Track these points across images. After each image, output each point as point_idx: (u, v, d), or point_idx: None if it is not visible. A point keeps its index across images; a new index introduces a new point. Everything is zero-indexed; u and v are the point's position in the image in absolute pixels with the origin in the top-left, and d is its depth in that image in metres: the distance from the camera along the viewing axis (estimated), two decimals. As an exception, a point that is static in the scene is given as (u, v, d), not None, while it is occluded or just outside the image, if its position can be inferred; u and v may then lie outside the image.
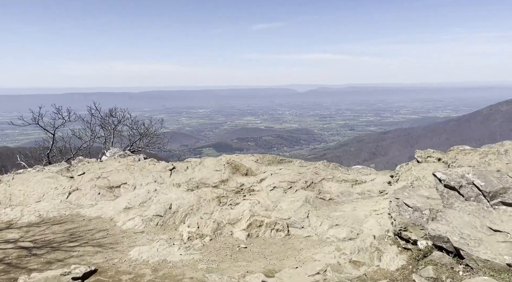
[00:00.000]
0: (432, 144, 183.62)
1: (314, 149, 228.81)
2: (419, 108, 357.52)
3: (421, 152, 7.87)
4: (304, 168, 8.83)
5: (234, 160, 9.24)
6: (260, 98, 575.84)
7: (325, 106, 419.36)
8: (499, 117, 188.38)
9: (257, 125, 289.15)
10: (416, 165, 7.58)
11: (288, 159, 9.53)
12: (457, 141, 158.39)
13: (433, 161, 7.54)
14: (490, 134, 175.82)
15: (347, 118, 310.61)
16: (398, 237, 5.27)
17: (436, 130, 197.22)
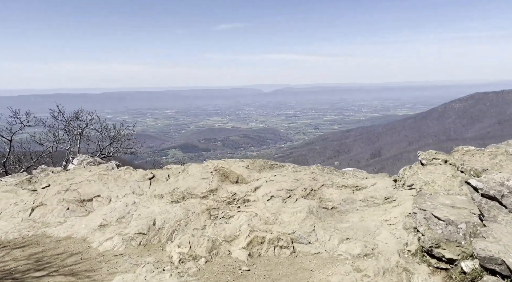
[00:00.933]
0: (392, 140, 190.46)
1: (281, 148, 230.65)
2: (380, 107, 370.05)
3: (425, 154, 7.43)
4: (299, 173, 8.16)
5: (222, 166, 8.40)
6: (226, 98, 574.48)
7: (290, 105, 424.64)
8: (453, 114, 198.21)
9: (224, 125, 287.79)
10: (422, 168, 7.12)
11: (280, 164, 8.84)
12: (415, 137, 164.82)
13: (439, 163, 7.10)
14: (444, 131, 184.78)
15: (312, 118, 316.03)
16: (427, 254, 4.70)
17: (395, 127, 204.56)
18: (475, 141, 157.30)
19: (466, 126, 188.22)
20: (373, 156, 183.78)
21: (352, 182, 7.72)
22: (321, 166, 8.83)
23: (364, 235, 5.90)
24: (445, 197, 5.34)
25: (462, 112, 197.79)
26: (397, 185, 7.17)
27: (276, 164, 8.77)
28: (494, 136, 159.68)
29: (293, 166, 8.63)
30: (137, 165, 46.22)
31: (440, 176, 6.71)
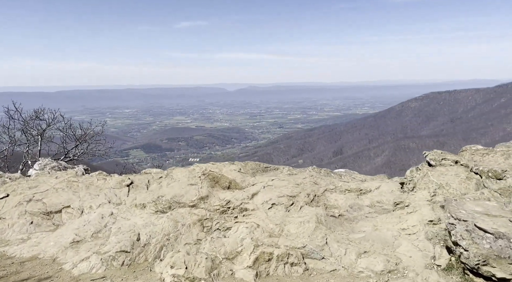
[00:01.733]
0: (353, 138, 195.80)
1: (245, 147, 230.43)
2: (341, 106, 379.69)
3: (433, 154, 6.98)
4: (297, 176, 7.47)
5: (211, 170, 7.55)
6: (189, 97, 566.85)
7: (255, 104, 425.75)
8: (410, 113, 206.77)
9: (188, 125, 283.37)
10: (431, 169, 6.66)
11: (273, 166, 8.12)
12: (375, 135, 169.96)
13: (449, 164, 6.67)
14: (402, 128, 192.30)
15: (276, 117, 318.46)
16: (471, 272, 4.15)
17: (356, 126, 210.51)
18: (430, 138, 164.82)
19: (422, 124, 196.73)
20: (335, 154, 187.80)
21: (355, 185, 7.14)
22: (317, 168, 8.21)
23: (382, 248, 5.31)
24: (474, 203, 4.86)
25: (418, 111, 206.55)
26: (406, 188, 6.68)
27: (269, 167, 8.05)
28: (447, 133, 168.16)
29: (288, 168, 7.95)
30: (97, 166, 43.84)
31: (454, 178, 6.27)
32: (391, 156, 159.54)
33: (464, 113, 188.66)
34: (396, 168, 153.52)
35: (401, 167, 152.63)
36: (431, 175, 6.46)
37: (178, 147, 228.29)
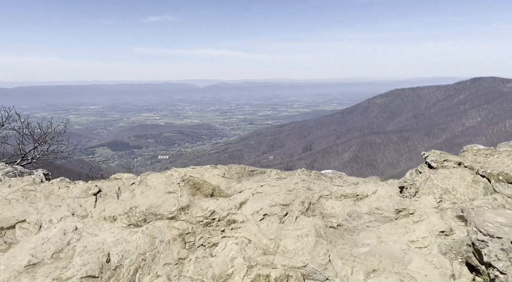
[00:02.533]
0: (322, 134, 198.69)
1: (216, 144, 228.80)
2: (310, 102, 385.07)
3: (433, 155, 6.47)
4: (287, 181, 6.77)
5: (192, 175, 6.69)
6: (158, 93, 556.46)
7: (225, 101, 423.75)
8: (376, 109, 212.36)
9: (156, 121, 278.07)
10: (433, 172, 6.14)
11: (259, 169, 7.38)
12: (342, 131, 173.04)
13: (452, 166, 6.18)
14: (368, 124, 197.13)
15: (247, 113, 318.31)
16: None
17: (325, 122, 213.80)
18: (395, 134, 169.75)
19: (387, 120, 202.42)
20: (305, 150, 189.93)
21: (350, 190, 6.53)
22: (307, 171, 7.56)
23: (392, 264, 4.70)
24: (494, 213, 4.34)
25: (383, 107, 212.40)
26: (407, 193, 6.14)
27: (255, 170, 7.30)
28: (411, 129, 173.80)
29: (276, 172, 7.23)
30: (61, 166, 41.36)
31: (460, 182, 5.77)
32: (358, 151, 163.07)
33: (427, 109, 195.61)
34: (363, 163, 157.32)
35: (368, 162, 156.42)
36: (435, 178, 5.94)
37: (147, 144, 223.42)
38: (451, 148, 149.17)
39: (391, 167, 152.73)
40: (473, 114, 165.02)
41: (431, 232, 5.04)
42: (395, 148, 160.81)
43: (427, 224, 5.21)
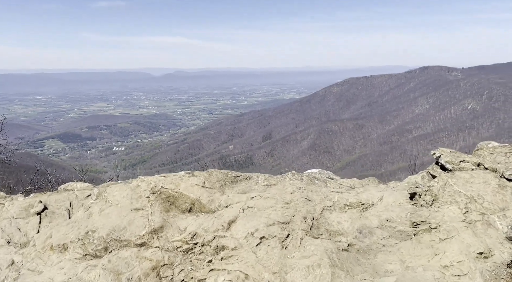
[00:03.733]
0: (281, 123, 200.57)
1: (175, 134, 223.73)
2: (269, 91, 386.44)
3: (447, 155, 5.64)
4: (276, 188, 5.68)
5: (164, 186, 5.41)
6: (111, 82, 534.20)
7: (183, 90, 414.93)
8: (332, 97, 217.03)
9: (111, 112, 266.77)
10: (451, 175, 5.31)
11: (244, 175, 6.22)
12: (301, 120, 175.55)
13: (470, 167, 5.38)
14: (325, 112, 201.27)
15: (205, 102, 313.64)
16: None
17: (284, 111, 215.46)
18: (351, 121, 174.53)
19: (343, 108, 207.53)
20: (264, 139, 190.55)
21: (353, 198, 5.57)
22: (297, 174, 6.51)
23: (429, 299, 3.78)
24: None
25: (339, 96, 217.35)
26: (421, 201, 5.27)
27: (239, 176, 6.13)
28: (365, 116, 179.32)
29: (264, 177, 6.11)
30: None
31: (484, 187, 4.98)
32: (316, 139, 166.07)
33: (379, 97, 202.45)
34: (321, 150, 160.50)
35: (325, 149, 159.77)
36: (454, 183, 5.11)
37: (101, 135, 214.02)
38: (402, 134, 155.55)
39: (347, 153, 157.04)
40: (422, 102, 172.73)
41: (467, 254, 4.17)
42: (351, 135, 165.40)
43: (459, 242, 4.34)
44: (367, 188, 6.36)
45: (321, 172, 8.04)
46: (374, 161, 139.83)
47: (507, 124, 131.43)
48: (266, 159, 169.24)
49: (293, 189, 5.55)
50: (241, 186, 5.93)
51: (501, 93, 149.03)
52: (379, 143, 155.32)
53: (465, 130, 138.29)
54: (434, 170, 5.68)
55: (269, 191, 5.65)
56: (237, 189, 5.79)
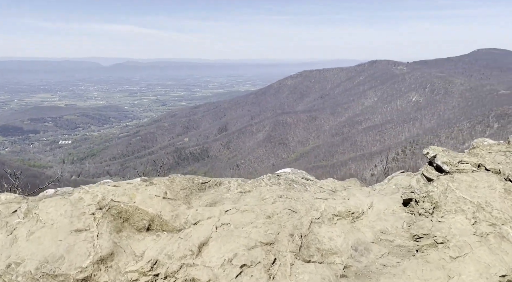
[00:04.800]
0: (237, 115, 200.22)
1: (126, 127, 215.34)
2: (224, 83, 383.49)
3: (443, 154, 5.01)
4: (251, 196, 4.76)
5: (115, 198, 4.28)
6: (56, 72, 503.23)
7: (134, 81, 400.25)
8: (286, 90, 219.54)
9: (55, 103, 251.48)
10: (450, 178, 4.69)
11: (212, 180, 5.21)
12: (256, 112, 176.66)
13: (470, 169, 4.80)
14: (280, 105, 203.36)
15: (159, 94, 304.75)
16: None
17: (239, 103, 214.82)
18: (304, 113, 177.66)
19: (297, 100, 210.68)
20: (220, 131, 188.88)
21: (341, 205, 4.80)
22: (274, 177, 5.64)
23: None
24: None
25: (293, 88, 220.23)
26: (420, 209, 4.61)
27: (207, 182, 5.12)
28: (318, 108, 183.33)
29: (237, 183, 5.15)
30: None
31: (490, 192, 4.40)
32: (271, 131, 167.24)
33: (331, 90, 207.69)
34: (276, 142, 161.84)
35: (280, 140, 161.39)
36: (456, 188, 4.49)
37: (45, 128, 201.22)
38: (353, 126, 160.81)
39: (301, 145, 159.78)
40: (370, 94, 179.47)
41: (488, 277, 3.51)
42: (305, 127, 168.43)
43: (475, 262, 3.69)
44: (351, 192, 5.65)
45: (294, 171, 7.26)
46: (326, 152, 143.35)
47: (446, 115, 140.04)
48: (222, 151, 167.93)
49: (273, 198, 4.66)
50: (210, 195, 4.94)
51: (441, 86, 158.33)
52: (331, 134, 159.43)
53: (410, 121, 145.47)
54: (429, 171, 5.06)
55: (245, 199, 4.72)
56: (206, 198, 4.80)
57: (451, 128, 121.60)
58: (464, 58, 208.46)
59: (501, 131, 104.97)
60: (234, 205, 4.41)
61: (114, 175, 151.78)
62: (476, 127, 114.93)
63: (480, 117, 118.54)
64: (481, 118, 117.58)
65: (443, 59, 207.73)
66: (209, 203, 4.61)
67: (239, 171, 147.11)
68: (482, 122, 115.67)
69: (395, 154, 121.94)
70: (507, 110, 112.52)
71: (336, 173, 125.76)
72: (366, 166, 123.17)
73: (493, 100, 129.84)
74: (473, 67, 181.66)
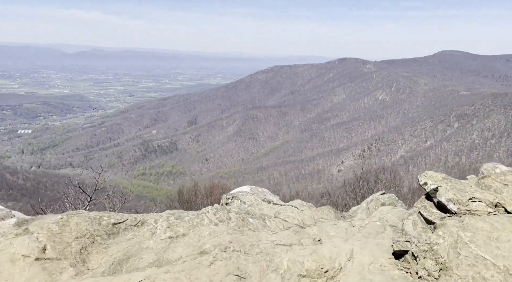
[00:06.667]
0: (207, 108, 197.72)
1: (90, 117, 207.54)
2: (195, 75, 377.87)
3: (447, 188, 3.71)
4: (184, 242, 3.27)
5: None
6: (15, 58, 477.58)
7: (100, 70, 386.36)
8: (257, 84, 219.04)
9: (14, 90, 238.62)
10: (460, 224, 3.39)
11: (133, 218, 3.63)
12: (227, 105, 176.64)
13: (485, 210, 3.49)
14: (251, 99, 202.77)
15: (126, 84, 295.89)
16: None
17: (209, 96, 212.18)
18: (275, 109, 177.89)
19: (268, 95, 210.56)
20: (190, 124, 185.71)
21: (310, 259, 3.41)
22: (222, 210, 4.20)
23: None
24: None
25: (264, 83, 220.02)
26: (421, 270, 3.26)
27: (122, 221, 3.54)
28: (288, 104, 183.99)
29: (167, 222, 3.59)
30: None
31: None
32: (241, 125, 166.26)
33: (302, 86, 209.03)
34: (246, 137, 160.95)
35: (250, 135, 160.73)
36: (470, 240, 3.18)
37: (3, 116, 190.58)
38: (322, 122, 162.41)
39: (271, 140, 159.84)
40: (339, 92, 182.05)
41: None
42: (275, 122, 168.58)
43: None
44: (324, 228, 4.37)
45: (254, 190, 5.97)
46: (295, 147, 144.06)
47: (411, 114, 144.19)
48: (191, 144, 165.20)
49: (215, 252, 3.19)
50: (124, 243, 3.43)
51: (407, 86, 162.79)
52: (300, 130, 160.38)
53: (376, 119, 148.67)
54: (428, 210, 3.79)
55: (175, 250, 3.29)
56: (114, 251, 3.28)
57: (414, 127, 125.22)
58: (428, 59, 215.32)
59: (461, 131, 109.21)
60: (155, 266, 2.90)
61: (77, 166, 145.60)
62: (438, 126, 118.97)
63: (442, 116, 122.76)
64: (442, 118, 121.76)
65: (409, 60, 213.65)
66: (117, 261, 3.10)
67: (208, 165, 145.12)
68: (444, 121, 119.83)
69: (361, 151, 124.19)
70: (466, 110, 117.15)
71: (305, 168, 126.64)
72: (333, 162, 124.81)
73: (454, 100, 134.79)
74: (436, 68, 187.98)
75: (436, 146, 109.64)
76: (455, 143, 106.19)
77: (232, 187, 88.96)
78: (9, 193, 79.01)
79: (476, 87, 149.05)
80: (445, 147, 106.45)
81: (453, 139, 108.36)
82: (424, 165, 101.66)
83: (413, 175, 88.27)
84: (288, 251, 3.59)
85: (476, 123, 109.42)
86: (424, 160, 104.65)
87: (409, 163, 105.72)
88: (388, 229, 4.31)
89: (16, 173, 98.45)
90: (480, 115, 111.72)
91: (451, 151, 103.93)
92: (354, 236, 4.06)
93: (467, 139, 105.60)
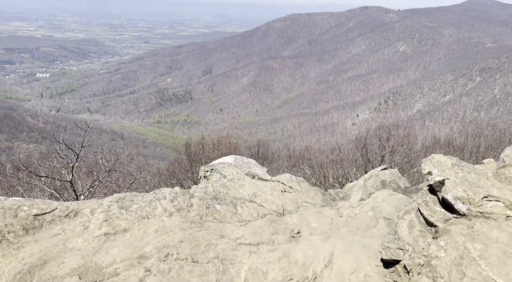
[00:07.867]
0: (222, 57, 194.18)
1: (106, 63, 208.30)
2: (210, 22, 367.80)
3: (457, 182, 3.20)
4: (123, 241, 3.26)
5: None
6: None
7: (115, 14, 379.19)
8: (274, 33, 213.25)
9: (31, 33, 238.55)
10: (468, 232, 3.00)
11: (63, 206, 3.67)
12: (242, 55, 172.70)
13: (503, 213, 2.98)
14: (267, 49, 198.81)
15: (141, 30, 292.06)
16: None
17: (225, 44, 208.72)
18: (291, 59, 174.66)
19: (284, 45, 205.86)
20: (205, 73, 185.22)
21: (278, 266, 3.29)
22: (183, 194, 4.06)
23: None
24: None
25: (281, 32, 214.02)
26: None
27: (47, 212, 3.45)
28: (305, 55, 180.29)
29: (105, 214, 3.44)
30: None
31: None
32: (256, 76, 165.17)
33: (320, 36, 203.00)
34: (260, 88, 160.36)
35: (265, 86, 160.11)
36: (479, 255, 2.76)
37: (21, 59, 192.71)
38: (338, 74, 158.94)
39: (286, 91, 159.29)
40: (359, 42, 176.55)
41: None
42: (290, 73, 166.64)
43: None
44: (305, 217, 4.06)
45: (239, 161, 6.28)
46: (310, 99, 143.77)
47: (431, 67, 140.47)
48: (206, 94, 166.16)
49: (150, 262, 2.89)
50: (43, 241, 2.93)
51: (430, 37, 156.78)
52: (316, 82, 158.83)
53: (395, 72, 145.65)
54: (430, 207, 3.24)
55: (108, 253, 2.89)
56: (29, 252, 2.81)
57: (434, 80, 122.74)
58: (455, 8, 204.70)
59: (482, 85, 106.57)
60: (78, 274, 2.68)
61: (95, 112, 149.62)
62: (459, 80, 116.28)
63: (464, 70, 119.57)
64: (464, 72, 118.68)
65: (435, 8, 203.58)
66: (28, 268, 2.67)
67: (223, 115, 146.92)
68: (465, 75, 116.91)
69: (378, 104, 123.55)
70: (490, 64, 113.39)
71: (318, 120, 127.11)
72: (348, 115, 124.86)
73: (478, 53, 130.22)
74: (463, 18, 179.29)
75: (455, 100, 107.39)
76: (475, 98, 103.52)
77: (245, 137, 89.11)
78: (31, 135, 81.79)
79: (503, 39, 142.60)
80: (464, 102, 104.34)
81: (474, 94, 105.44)
82: (441, 119, 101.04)
83: (428, 130, 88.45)
84: (253, 254, 3.14)
85: (499, 77, 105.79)
86: (441, 114, 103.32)
87: (426, 117, 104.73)
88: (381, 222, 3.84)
89: (36, 116, 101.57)
90: (504, 70, 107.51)
91: (470, 106, 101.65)
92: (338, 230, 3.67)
93: (488, 94, 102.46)
